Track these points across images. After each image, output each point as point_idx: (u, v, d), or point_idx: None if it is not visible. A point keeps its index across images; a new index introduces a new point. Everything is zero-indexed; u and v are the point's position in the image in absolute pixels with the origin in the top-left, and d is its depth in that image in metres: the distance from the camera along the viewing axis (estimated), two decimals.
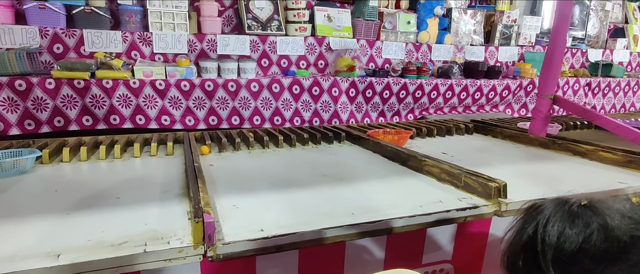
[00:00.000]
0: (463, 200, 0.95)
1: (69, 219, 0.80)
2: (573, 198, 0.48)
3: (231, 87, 2.09)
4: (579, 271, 0.43)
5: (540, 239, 0.45)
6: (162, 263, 0.69)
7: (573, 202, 0.47)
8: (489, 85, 2.70)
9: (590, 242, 0.42)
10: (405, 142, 1.52)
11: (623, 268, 0.40)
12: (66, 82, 1.77)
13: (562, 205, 0.47)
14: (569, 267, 0.44)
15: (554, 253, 0.44)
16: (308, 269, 0.89)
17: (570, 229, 0.44)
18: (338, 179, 1.10)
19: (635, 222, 0.42)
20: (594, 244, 0.42)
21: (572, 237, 0.43)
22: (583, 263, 0.43)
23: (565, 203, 0.47)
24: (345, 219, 0.82)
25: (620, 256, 0.41)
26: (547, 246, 0.45)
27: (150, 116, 1.97)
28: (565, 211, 0.46)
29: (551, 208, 0.47)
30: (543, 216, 0.47)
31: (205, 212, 0.73)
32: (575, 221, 0.44)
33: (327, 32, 2.53)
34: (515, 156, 1.44)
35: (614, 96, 3.26)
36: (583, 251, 0.43)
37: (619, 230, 0.42)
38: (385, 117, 2.53)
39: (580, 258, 0.43)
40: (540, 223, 0.46)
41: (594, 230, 0.43)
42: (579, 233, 0.43)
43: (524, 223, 0.49)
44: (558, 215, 0.46)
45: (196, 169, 1.02)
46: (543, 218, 0.47)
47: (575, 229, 0.44)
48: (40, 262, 0.63)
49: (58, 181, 1.05)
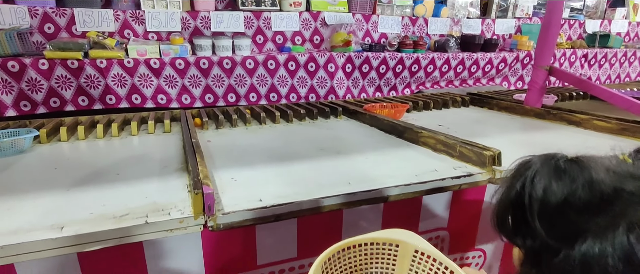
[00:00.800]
0: (458, 169, 0.97)
1: (70, 195, 0.81)
2: (560, 154, 0.49)
3: (226, 64, 2.08)
4: (563, 223, 0.44)
5: (528, 194, 0.46)
6: (163, 234, 0.71)
7: (560, 157, 0.48)
8: (485, 58, 2.69)
9: (575, 195, 0.43)
10: (401, 115, 1.53)
11: (606, 219, 0.40)
12: (59, 63, 1.76)
13: (549, 160, 0.48)
14: (554, 219, 0.45)
15: (540, 206, 0.45)
16: (307, 238, 0.91)
17: (556, 183, 0.45)
18: (335, 152, 1.11)
19: (620, 176, 0.43)
20: (578, 197, 0.43)
21: (557, 191, 0.44)
22: (568, 215, 0.44)
23: (552, 158, 0.48)
24: (342, 188, 0.84)
25: (603, 208, 0.41)
26: (534, 200, 0.46)
27: (146, 95, 1.96)
28: (551, 166, 0.47)
29: (538, 164, 0.48)
30: (531, 172, 0.48)
31: (204, 184, 0.74)
32: (562, 175, 0.45)
33: (322, 6, 2.50)
34: (511, 126, 1.45)
35: (610, 67, 3.25)
36: (568, 204, 0.44)
37: (603, 184, 0.43)
38: (382, 92, 2.53)
39: (565, 210, 0.44)
40: (528, 178, 0.47)
41: (579, 184, 0.44)
42: (564, 186, 0.44)
43: (513, 179, 0.50)
44: (545, 170, 0.47)
45: (194, 145, 1.02)
46: (530, 173, 0.47)
47: (561, 183, 0.45)
48: (45, 234, 0.64)
49: (57, 159, 1.05)
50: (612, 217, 0.40)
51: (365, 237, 0.66)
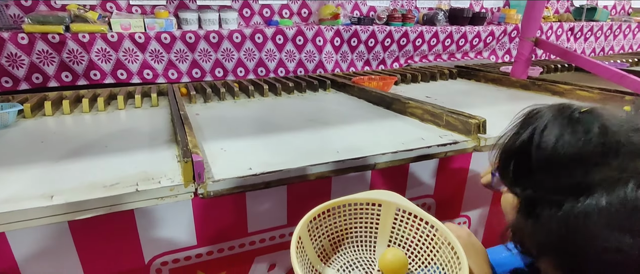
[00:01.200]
0: (444, 137, 0.99)
1: (59, 166, 0.81)
2: (573, 105, 0.47)
3: (213, 38, 2.05)
4: (570, 175, 0.42)
5: (536, 144, 0.45)
6: (154, 201, 0.71)
7: (575, 108, 0.46)
8: (473, 31, 2.70)
9: (587, 147, 0.42)
10: (389, 88, 1.54)
11: (615, 172, 0.39)
12: (40, 37, 1.71)
13: (563, 111, 0.46)
14: (561, 171, 0.43)
15: (548, 157, 0.44)
16: (296, 205, 0.93)
17: (570, 135, 0.43)
18: (324, 123, 1.12)
19: (634, 127, 0.42)
20: (590, 150, 0.42)
21: (570, 142, 0.43)
22: (576, 168, 0.42)
23: (565, 109, 0.46)
24: (331, 157, 0.85)
25: (613, 161, 0.40)
26: (543, 150, 0.44)
27: (131, 70, 1.93)
28: (565, 116, 0.45)
29: (550, 114, 0.46)
30: (541, 121, 0.46)
31: (194, 152, 0.74)
32: (576, 126, 0.43)
33: None
34: (497, 97, 1.47)
35: (595, 40, 3.29)
36: (579, 157, 0.42)
37: (618, 134, 0.41)
38: (371, 66, 2.53)
39: (574, 163, 0.42)
40: (538, 128, 0.46)
41: (593, 135, 0.42)
42: (577, 138, 0.43)
43: (520, 127, 0.49)
44: (557, 121, 0.45)
45: (182, 117, 1.02)
46: (541, 123, 0.46)
47: (575, 135, 0.43)
48: (36, 202, 0.64)
49: (43, 133, 1.04)
50: (621, 170, 0.39)
51: (348, 198, 0.68)
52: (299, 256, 0.59)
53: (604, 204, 0.38)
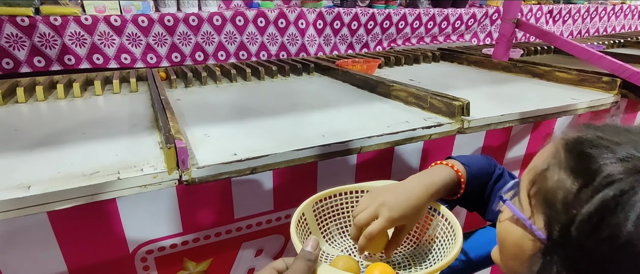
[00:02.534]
0: (428, 119, 0.99)
1: (34, 155, 0.78)
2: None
3: (192, 21, 1.99)
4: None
5: (624, 235, 0.34)
6: (137, 189, 0.70)
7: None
8: (456, 14, 2.70)
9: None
10: (373, 71, 1.53)
11: None
12: (8, 20, 1.62)
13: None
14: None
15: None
16: (283, 190, 0.93)
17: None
18: (308, 107, 1.11)
19: None
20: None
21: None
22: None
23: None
24: (317, 141, 0.85)
25: None
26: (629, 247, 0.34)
27: (108, 55, 1.86)
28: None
29: (631, 183, 0.35)
30: (627, 200, 0.34)
31: (177, 138, 0.73)
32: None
33: None
34: (479, 79, 1.49)
35: (573, 22, 3.35)
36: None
37: None
38: (354, 50, 2.51)
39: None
40: (622, 211, 0.34)
41: None
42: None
43: (608, 207, 0.35)
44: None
45: (163, 102, 1.00)
46: (630, 205, 0.34)
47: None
48: (11, 193, 0.62)
49: (16, 121, 1.00)
50: None
51: (356, 186, 0.69)
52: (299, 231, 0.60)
53: None
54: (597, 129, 0.41)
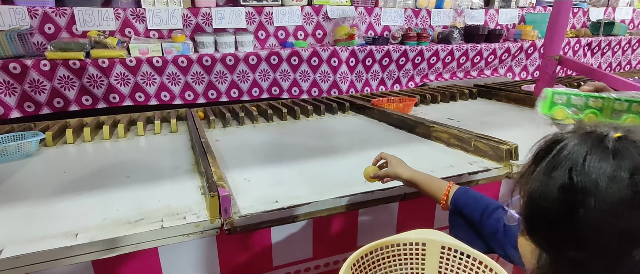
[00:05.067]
0: (474, 164, 0.95)
1: (82, 200, 0.79)
2: (601, 129, 0.38)
3: (229, 61, 2.05)
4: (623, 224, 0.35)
5: (580, 189, 0.35)
6: (180, 238, 0.69)
7: (605, 135, 0.37)
8: (489, 49, 2.66)
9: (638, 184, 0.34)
10: (410, 109, 1.51)
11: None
12: (61, 63, 1.73)
13: (593, 140, 0.37)
14: (607, 222, 0.35)
15: (601, 202, 0.34)
16: (322, 237, 0.90)
17: (618, 171, 0.34)
18: (346, 149, 1.09)
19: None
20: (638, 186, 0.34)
21: (621, 180, 0.34)
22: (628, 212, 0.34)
23: (595, 137, 0.37)
24: (358, 187, 0.82)
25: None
26: (593, 194, 0.35)
27: (149, 92, 1.94)
28: (601, 147, 0.36)
29: (581, 147, 0.37)
30: (574, 156, 0.36)
31: (220, 186, 0.72)
32: (618, 158, 0.34)
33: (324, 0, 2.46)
34: (522, 118, 1.43)
35: (612, 55, 3.22)
36: (629, 195, 0.34)
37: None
38: (386, 86, 2.51)
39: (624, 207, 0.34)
40: (575, 168, 0.36)
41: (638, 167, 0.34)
42: (630, 174, 0.34)
43: (551, 167, 0.38)
44: (595, 154, 0.35)
45: (204, 145, 1.01)
46: (575, 159, 0.36)
47: (622, 170, 0.34)
48: (60, 242, 0.62)
49: (64, 162, 1.04)
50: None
51: (390, 239, 0.65)
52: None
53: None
54: None
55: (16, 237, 0.64)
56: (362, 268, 0.62)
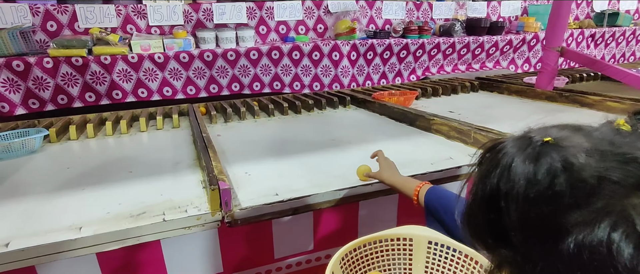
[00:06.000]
0: (473, 156, 0.95)
1: (85, 194, 0.81)
2: (536, 134, 0.40)
3: (230, 56, 2.06)
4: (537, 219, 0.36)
5: (504, 190, 0.38)
6: (181, 231, 0.70)
7: (533, 139, 0.39)
8: (491, 41, 2.65)
9: (553, 188, 0.36)
10: (411, 102, 1.51)
11: (584, 214, 0.34)
12: (64, 60, 1.74)
13: (524, 144, 0.39)
14: (530, 218, 0.37)
15: (519, 204, 0.37)
16: (323, 230, 0.91)
17: (535, 176, 0.36)
18: (347, 142, 1.10)
19: (604, 158, 0.35)
20: (555, 191, 0.36)
21: (537, 184, 0.36)
22: (541, 210, 0.36)
23: (524, 141, 0.39)
24: (358, 180, 0.83)
25: (584, 201, 0.34)
26: (513, 198, 0.37)
27: (151, 88, 1.96)
28: (526, 153, 0.38)
29: (513, 150, 0.39)
30: (505, 160, 0.39)
31: (220, 179, 0.73)
32: (538, 164, 0.37)
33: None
34: (523, 110, 1.43)
35: (616, 45, 3.20)
36: (543, 199, 0.36)
37: (585, 171, 0.35)
38: (387, 79, 2.51)
39: (540, 206, 0.36)
40: (503, 170, 0.39)
41: (556, 173, 0.36)
42: (542, 178, 0.36)
43: (487, 171, 0.41)
44: (519, 158, 0.38)
45: (205, 140, 1.02)
46: (506, 162, 0.39)
47: (539, 173, 0.36)
48: (64, 235, 0.64)
49: (68, 158, 1.05)
50: (592, 212, 0.34)
51: (378, 235, 0.66)
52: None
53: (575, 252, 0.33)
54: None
55: (22, 230, 0.65)
56: (350, 263, 0.63)
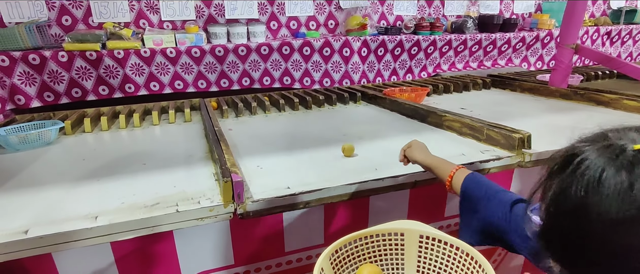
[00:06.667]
0: (486, 152, 0.95)
1: (100, 185, 0.82)
2: (619, 142, 0.37)
3: (241, 51, 2.07)
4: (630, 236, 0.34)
5: (593, 204, 0.34)
6: (194, 222, 0.71)
7: (624, 149, 0.35)
8: (503, 38, 2.62)
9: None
10: (422, 99, 1.50)
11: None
12: (78, 54, 1.77)
13: (614, 154, 0.36)
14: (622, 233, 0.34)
15: (612, 220, 0.34)
16: (334, 224, 0.91)
17: (631, 189, 0.33)
18: (358, 138, 1.10)
19: None
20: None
21: (632, 197, 0.33)
22: (636, 226, 0.33)
23: (615, 151, 0.36)
24: (369, 174, 0.83)
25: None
26: (605, 213, 0.34)
27: (163, 82, 1.98)
28: (620, 161, 0.35)
29: (601, 159, 0.36)
30: (592, 172, 0.35)
31: (233, 172, 0.74)
32: (634, 174, 0.33)
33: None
34: (536, 108, 1.41)
35: (633, 43, 3.13)
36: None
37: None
38: (398, 76, 2.49)
39: (636, 221, 0.33)
40: (591, 182, 0.35)
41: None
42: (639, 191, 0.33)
43: (566, 184, 0.37)
44: (612, 169, 0.34)
45: (217, 133, 1.02)
46: (593, 174, 0.35)
47: (636, 187, 0.33)
48: (80, 223, 0.65)
49: (83, 150, 1.07)
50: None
51: (370, 230, 0.66)
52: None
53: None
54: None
55: (40, 219, 0.67)
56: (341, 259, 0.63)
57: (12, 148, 1.06)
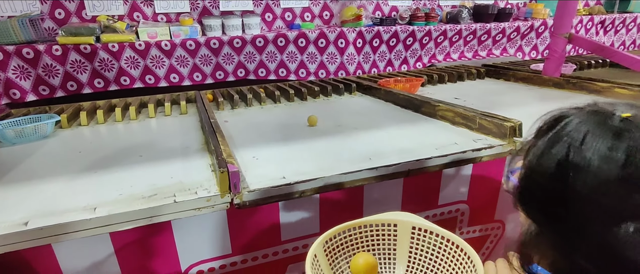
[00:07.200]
0: (478, 141, 0.96)
1: (98, 177, 0.83)
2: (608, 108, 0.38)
3: (236, 43, 2.07)
4: (613, 200, 0.35)
5: (574, 165, 0.36)
6: (191, 212, 0.72)
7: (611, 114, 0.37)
8: (498, 28, 2.63)
9: (630, 167, 0.34)
10: (416, 89, 1.51)
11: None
12: (72, 48, 1.76)
13: (598, 118, 0.37)
14: (603, 197, 0.35)
15: (591, 180, 0.35)
16: (329, 213, 0.92)
17: (615, 151, 0.34)
18: (352, 128, 1.11)
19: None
20: (634, 170, 0.34)
21: (615, 160, 0.34)
22: (611, 187, 0.34)
23: (601, 115, 0.37)
24: (363, 164, 0.84)
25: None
26: (584, 172, 0.35)
27: (159, 75, 1.98)
28: (604, 126, 0.36)
29: (585, 124, 0.37)
30: (576, 133, 0.37)
31: (229, 162, 0.75)
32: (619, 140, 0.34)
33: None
34: (529, 97, 1.43)
35: (626, 32, 3.15)
36: (619, 176, 0.34)
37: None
38: (393, 66, 2.50)
39: (612, 182, 0.34)
40: (574, 144, 0.36)
41: (636, 151, 0.34)
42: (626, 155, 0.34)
43: (551, 142, 0.39)
44: (597, 132, 0.36)
45: (213, 125, 1.03)
46: (576, 136, 0.37)
47: (620, 150, 0.34)
48: (79, 215, 0.66)
49: (80, 143, 1.07)
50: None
51: (363, 220, 0.67)
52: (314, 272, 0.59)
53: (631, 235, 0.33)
54: None
55: (39, 211, 0.68)
56: (334, 247, 0.65)
57: (8, 142, 1.07)
